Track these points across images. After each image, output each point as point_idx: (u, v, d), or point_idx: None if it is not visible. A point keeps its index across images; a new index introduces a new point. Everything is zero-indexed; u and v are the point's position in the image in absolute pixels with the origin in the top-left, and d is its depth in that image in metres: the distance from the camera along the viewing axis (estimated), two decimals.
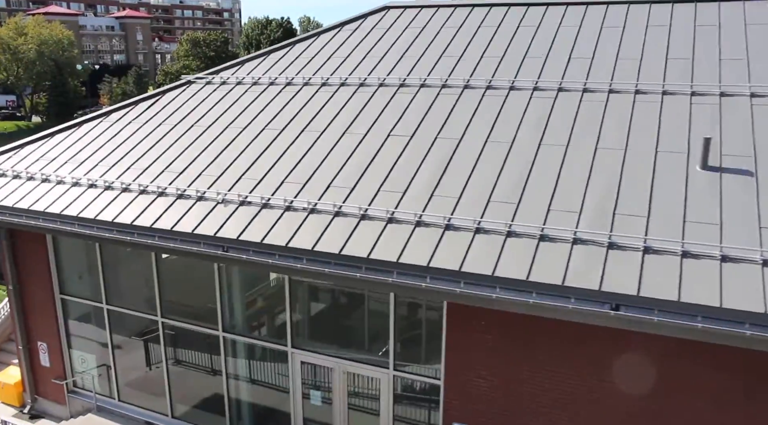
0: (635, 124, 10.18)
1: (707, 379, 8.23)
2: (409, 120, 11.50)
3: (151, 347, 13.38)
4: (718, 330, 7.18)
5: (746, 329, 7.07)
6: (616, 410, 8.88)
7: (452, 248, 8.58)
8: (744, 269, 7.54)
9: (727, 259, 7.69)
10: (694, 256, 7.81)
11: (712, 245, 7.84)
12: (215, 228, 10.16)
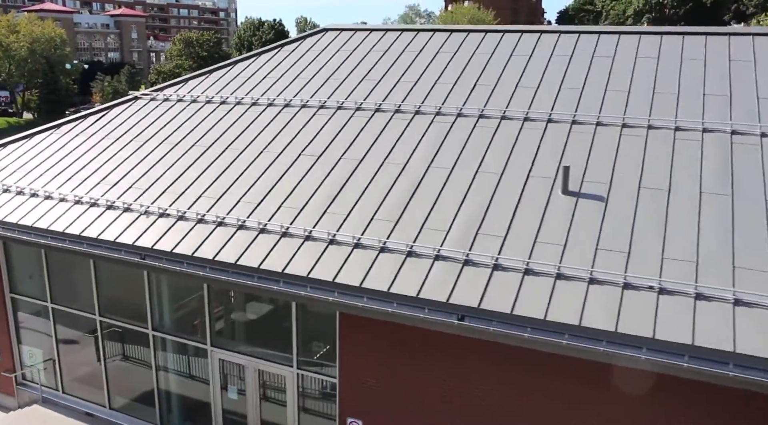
0: (516, 150, 11.28)
1: (537, 381, 9.30)
2: (320, 141, 12.60)
3: (91, 343, 14.44)
4: (543, 339, 8.28)
5: (565, 339, 8.16)
6: (483, 409, 9.96)
7: (331, 261, 9.67)
8: (573, 286, 8.64)
9: (561, 277, 8.80)
10: (535, 273, 8.92)
11: (552, 264, 8.94)
12: (135, 237, 11.24)
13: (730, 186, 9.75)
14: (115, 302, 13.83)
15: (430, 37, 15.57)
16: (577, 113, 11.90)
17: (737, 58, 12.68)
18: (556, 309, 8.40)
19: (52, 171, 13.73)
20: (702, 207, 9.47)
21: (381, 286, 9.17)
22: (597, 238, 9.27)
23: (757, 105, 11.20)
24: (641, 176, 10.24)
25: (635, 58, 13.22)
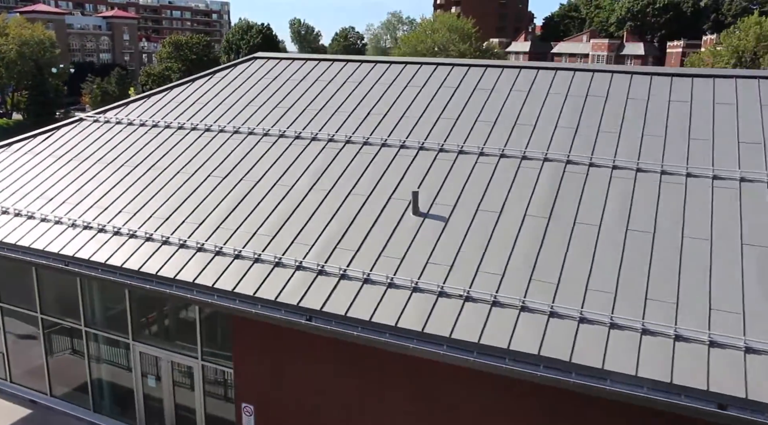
0: (386, 174, 13.25)
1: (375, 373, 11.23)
2: (229, 163, 14.56)
3: (35, 337, 16.36)
4: (367, 336, 10.24)
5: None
6: (342, 399, 11.90)
7: (234, 273, 11.61)
8: (400, 293, 10.61)
9: (392, 286, 10.77)
10: (372, 282, 10.89)
11: (387, 275, 10.91)
12: (60, 247, 13.19)
13: (550, 210, 11.71)
14: (53, 302, 15.74)
15: (357, 67, 17.51)
16: (445, 143, 13.86)
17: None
18: (382, 312, 10.36)
19: (14, 190, 15.59)
20: (523, 228, 11.42)
21: (248, 291, 11.13)
22: (430, 253, 11.24)
23: (595, 136, 13.17)
24: (482, 200, 12.20)
25: (509, 91, 15.18)
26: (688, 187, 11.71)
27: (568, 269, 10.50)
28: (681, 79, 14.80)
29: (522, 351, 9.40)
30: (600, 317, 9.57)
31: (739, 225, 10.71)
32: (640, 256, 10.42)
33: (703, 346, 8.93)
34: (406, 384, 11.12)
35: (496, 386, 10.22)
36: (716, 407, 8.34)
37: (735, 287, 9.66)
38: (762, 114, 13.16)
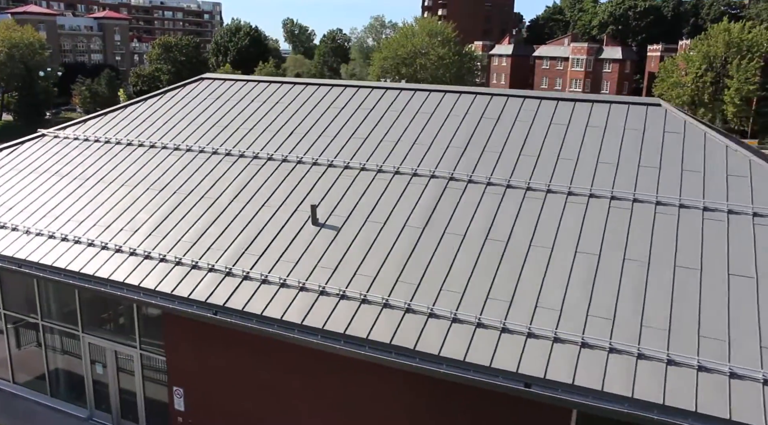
0: (297, 188, 15.34)
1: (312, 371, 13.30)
2: (167, 177, 16.63)
3: (5, 329, 18.40)
4: (258, 328, 12.33)
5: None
6: (253, 382, 13.98)
7: (157, 274, 13.69)
8: (288, 291, 12.69)
9: (284, 286, 12.87)
10: (268, 283, 12.96)
11: (281, 277, 13.00)
12: (15, 250, 15.26)
13: (426, 220, 13.81)
14: (13, 299, 17.78)
15: (276, 88, 19.60)
16: (351, 161, 15.95)
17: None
18: (272, 307, 12.47)
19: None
20: (400, 237, 13.52)
21: (167, 289, 13.23)
22: (320, 258, 13.34)
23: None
24: (371, 212, 14.31)
25: (415, 113, 17.27)
26: (547, 201, 13.82)
27: (431, 271, 12.62)
28: (564, 102, 16.91)
29: (378, 341, 11.51)
30: (446, 313, 11.68)
31: (578, 233, 12.81)
32: (493, 260, 12.51)
33: (532, 338, 11.06)
34: (300, 369, 13.23)
35: (368, 371, 12.30)
36: (523, 386, 10.48)
37: (561, 287, 11.77)
38: (623, 137, 15.27)
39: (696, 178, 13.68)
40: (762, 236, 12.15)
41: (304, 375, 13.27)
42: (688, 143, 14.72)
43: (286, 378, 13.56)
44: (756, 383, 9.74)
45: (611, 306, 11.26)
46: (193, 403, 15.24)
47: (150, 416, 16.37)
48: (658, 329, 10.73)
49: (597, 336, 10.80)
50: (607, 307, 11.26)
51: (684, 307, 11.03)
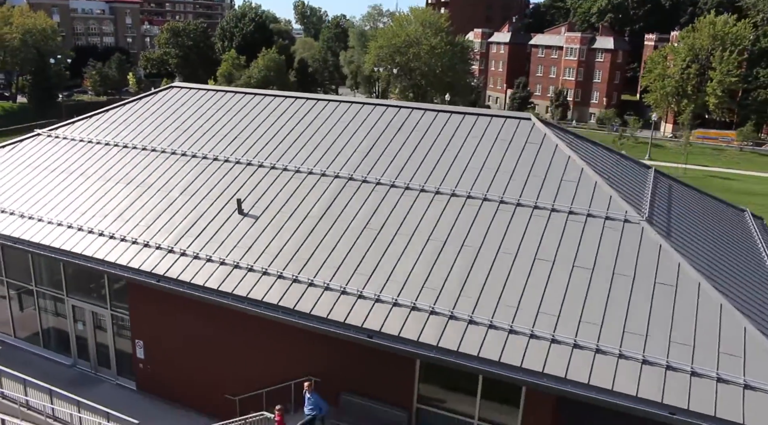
0: (234, 183, 19.29)
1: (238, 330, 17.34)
2: (134, 173, 20.67)
3: (7, 294, 22.68)
4: (194, 294, 16.39)
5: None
6: (197, 337, 18.07)
7: (121, 250, 17.78)
8: (225, 268, 16.71)
9: (209, 260, 16.87)
10: (198, 258, 17.00)
11: (207, 254, 17.01)
12: (13, 230, 19.42)
13: (324, 211, 17.71)
14: (15, 268, 22.01)
15: (251, 99, 23.49)
16: (277, 162, 19.85)
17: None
18: (199, 277, 16.50)
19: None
20: (302, 225, 17.45)
21: (123, 262, 17.32)
22: (239, 240, 17.34)
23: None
24: (285, 204, 18.24)
25: (327, 120, 21.08)
26: (419, 197, 17.65)
27: (321, 250, 16.54)
28: (456, 115, 20.64)
29: (270, 302, 15.51)
30: (320, 283, 15.63)
31: (434, 224, 16.63)
32: (368, 240, 16.41)
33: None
34: (223, 324, 17.32)
35: (265, 325, 16.28)
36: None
37: (410, 260, 15.64)
38: (493, 146, 19.00)
39: (536, 182, 17.44)
40: (571, 228, 15.90)
41: (226, 329, 17.37)
42: (541, 153, 18.44)
43: (219, 329, 17.67)
44: (590, 351, 13.62)
45: (459, 281, 15.14)
46: (150, 353, 19.44)
47: (119, 363, 20.63)
48: (510, 306, 14.52)
49: (442, 306, 14.70)
50: (458, 281, 15.14)
51: (512, 287, 14.88)
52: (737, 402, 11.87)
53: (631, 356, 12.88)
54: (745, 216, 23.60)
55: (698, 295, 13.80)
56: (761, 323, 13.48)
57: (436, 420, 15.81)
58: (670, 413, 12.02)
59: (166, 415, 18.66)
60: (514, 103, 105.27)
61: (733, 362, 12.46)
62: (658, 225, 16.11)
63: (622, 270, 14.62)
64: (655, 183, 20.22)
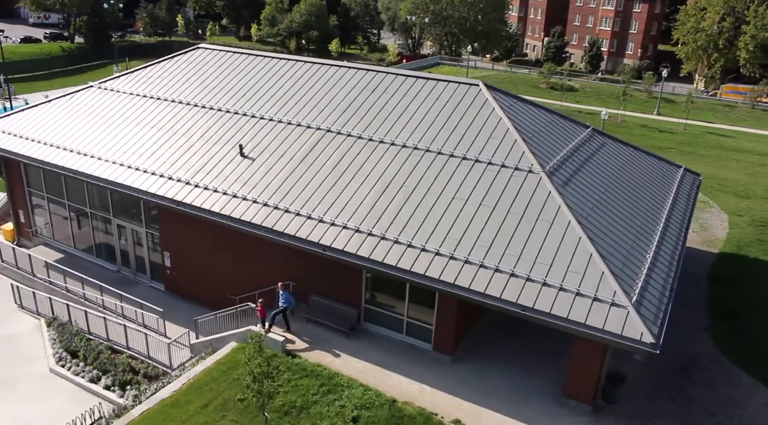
0: (240, 131, 24.45)
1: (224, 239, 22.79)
2: (165, 121, 26.04)
3: (66, 214, 28.83)
4: (198, 215, 21.90)
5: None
6: (209, 251, 23.67)
7: (157, 183, 23.36)
8: (225, 198, 22.10)
9: (216, 191, 22.24)
10: (208, 189, 22.38)
11: (215, 187, 22.36)
12: (78, 165, 25.22)
13: (305, 156, 22.74)
14: (74, 195, 28.01)
15: (267, 61, 28.41)
16: (274, 115, 24.83)
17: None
18: (208, 202, 21.91)
19: (52, 129, 27.59)
20: (286, 166, 22.55)
21: (161, 192, 22.88)
22: (239, 175, 22.59)
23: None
24: (276, 148, 23.32)
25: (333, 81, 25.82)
26: (377, 148, 22.44)
27: (297, 186, 21.64)
28: (421, 80, 25.08)
29: (260, 224, 20.82)
30: (297, 209, 20.79)
31: (385, 168, 21.44)
32: (335, 179, 21.39)
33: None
34: (228, 240, 22.84)
35: (257, 242, 21.62)
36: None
37: (362, 194, 20.64)
38: (444, 106, 23.46)
39: (470, 138, 21.95)
40: (486, 176, 20.48)
41: (228, 244, 22.91)
42: (480, 114, 22.82)
43: (225, 244, 23.24)
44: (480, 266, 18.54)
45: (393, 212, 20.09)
46: (174, 262, 25.26)
47: (152, 270, 26.60)
48: (427, 232, 19.46)
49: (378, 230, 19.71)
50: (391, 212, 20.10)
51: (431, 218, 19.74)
52: (568, 304, 16.64)
53: (505, 271, 17.69)
54: (678, 173, 27.52)
55: (566, 230, 18.38)
56: (606, 254, 17.99)
57: (377, 316, 21.15)
58: (521, 310, 16.91)
59: (185, 308, 24.55)
60: (548, 51, 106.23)
61: (575, 278, 17.15)
62: (557, 176, 20.54)
63: (515, 209, 19.26)
64: (583, 141, 24.42)
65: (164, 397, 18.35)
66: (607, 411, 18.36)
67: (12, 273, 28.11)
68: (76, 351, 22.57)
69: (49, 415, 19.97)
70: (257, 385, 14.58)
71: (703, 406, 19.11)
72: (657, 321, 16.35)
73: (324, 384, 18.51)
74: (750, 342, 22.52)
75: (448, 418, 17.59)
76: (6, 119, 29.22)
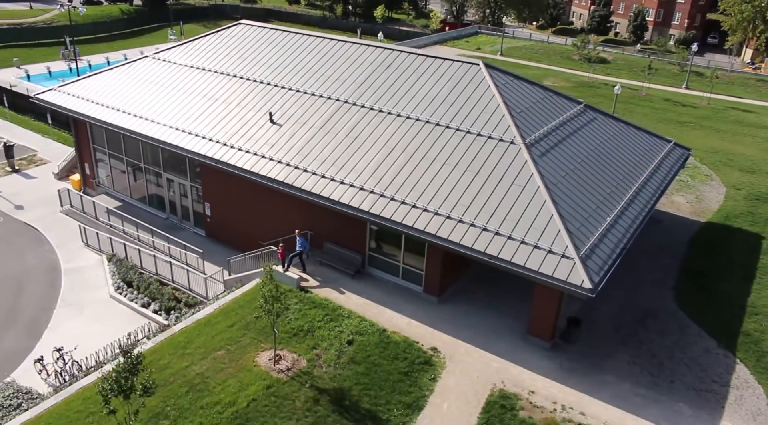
0: (274, 100, 28.31)
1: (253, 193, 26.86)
2: (213, 90, 30.10)
3: (123, 168, 33.49)
4: (233, 171, 26.01)
5: (257, 178, 25.74)
6: (243, 202, 27.85)
7: (204, 146, 27.60)
8: (254, 158, 26.15)
9: (248, 152, 26.28)
10: (240, 150, 26.43)
11: (248, 148, 26.39)
12: (137, 127, 29.66)
13: (324, 123, 26.45)
14: (131, 152, 32.57)
15: (286, 37, 32.10)
16: (300, 87, 28.54)
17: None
18: (241, 161, 25.96)
19: (113, 94, 32.08)
20: (308, 132, 26.34)
21: (203, 151, 27.10)
22: (268, 139, 26.52)
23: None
24: (301, 117, 27.10)
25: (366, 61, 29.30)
26: (385, 119, 25.96)
27: (318, 148, 25.43)
28: (427, 58, 28.29)
29: (287, 181, 24.77)
30: (314, 168, 24.62)
31: (389, 138, 24.99)
32: (349, 142, 25.10)
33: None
34: (255, 192, 26.92)
35: (278, 196, 25.57)
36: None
37: (370, 156, 24.31)
38: (447, 83, 26.70)
39: (465, 112, 25.21)
40: (474, 145, 23.78)
41: (260, 196, 27.02)
42: (476, 91, 26.01)
43: (255, 197, 27.39)
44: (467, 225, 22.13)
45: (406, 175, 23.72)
46: (213, 211, 29.60)
47: (195, 218, 31.07)
48: (419, 192, 23.10)
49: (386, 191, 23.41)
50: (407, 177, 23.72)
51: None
52: (527, 254, 20.07)
53: (478, 225, 21.17)
54: (665, 147, 30.14)
55: (534, 194, 21.66)
56: (566, 215, 21.20)
57: (378, 262, 25.00)
58: (489, 258, 20.43)
59: (220, 251, 28.91)
60: (592, 20, 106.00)
61: (536, 233, 20.50)
62: (536, 147, 23.69)
63: (495, 175, 22.59)
64: (572, 117, 27.34)
65: (199, 318, 22.73)
66: (563, 349, 21.85)
67: (79, 217, 33.04)
68: (131, 282, 27.24)
69: (109, 331, 24.62)
70: (268, 306, 18.64)
71: (649, 349, 22.36)
72: (600, 272, 19.65)
73: (328, 315, 22.55)
74: (708, 298, 25.43)
75: (427, 346, 21.41)
76: (75, 84, 33.83)
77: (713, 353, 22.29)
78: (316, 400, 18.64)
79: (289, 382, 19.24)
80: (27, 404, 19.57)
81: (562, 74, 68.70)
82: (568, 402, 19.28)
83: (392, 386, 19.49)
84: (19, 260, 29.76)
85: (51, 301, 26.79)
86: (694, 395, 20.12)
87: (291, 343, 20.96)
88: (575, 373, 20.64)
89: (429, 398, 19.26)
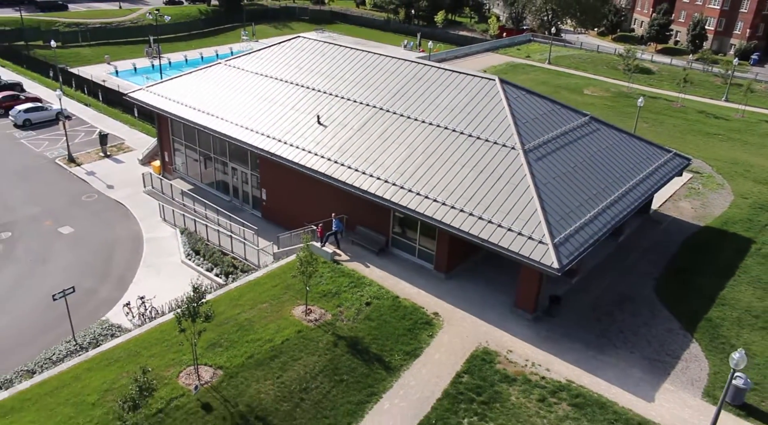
0: (316, 107, 33.81)
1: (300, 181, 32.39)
2: (275, 95, 35.89)
3: (196, 157, 39.75)
4: (284, 161, 31.65)
5: (305, 170, 31.37)
6: (294, 190, 33.47)
7: (262, 141, 33.44)
8: (303, 153, 31.72)
9: (297, 148, 31.87)
10: (290, 145, 32.05)
11: (299, 145, 31.98)
12: (202, 121, 35.81)
13: (362, 125, 31.72)
14: (203, 143, 38.76)
15: (355, 54, 37.60)
16: (344, 94, 33.89)
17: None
18: (297, 159, 31.57)
19: (190, 94, 38.35)
20: (354, 136, 31.64)
21: (261, 146, 32.89)
22: (315, 138, 32.00)
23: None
24: (344, 118, 32.45)
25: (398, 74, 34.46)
26: (411, 124, 30.97)
27: (356, 146, 30.72)
28: (451, 73, 33.10)
29: (328, 174, 30.19)
30: (352, 163, 29.94)
31: (413, 141, 30.02)
32: (385, 144, 30.31)
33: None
34: (305, 182, 32.46)
35: (319, 185, 30.94)
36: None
37: (399, 155, 29.44)
38: (464, 96, 31.47)
39: (477, 121, 29.93)
40: (482, 150, 28.49)
41: (306, 184, 32.55)
42: (489, 103, 30.65)
43: (303, 186, 32.96)
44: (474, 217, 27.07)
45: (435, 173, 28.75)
46: (269, 196, 35.39)
47: (254, 201, 36.97)
48: (432, 185, 28.07)
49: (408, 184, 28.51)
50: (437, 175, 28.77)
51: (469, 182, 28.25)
52: (512, 239, 24.71)
53: (476, 215, 25.93)
54: (663, 157, 33.92)
55: (524, 191, 26.22)
56: (549, 210, 25.64)
57: (399, 243, 30.10)
58: (481, 241, 25.19)
59: (272, 229, 34.62)
60: (651, 29, 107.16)
61: (521, 223, 25.10)
62: (533, 153, 28.18)
63: (496, 174, 27.27)
64: (574, 127, 31.61)
65: (251, 279, 28.44)
66: (544, 321, 26.36)
67: (158, 197, 39.51)
68: (198, 251, 33.28)
69: (180, 288, 30.57)
70: (302, 267, 24.04)
71: (618, 326, 26.54)
72: (569, 256, 24.08)
73: (353, 282, 27.81)
74: (683, 289, 29.25)
75: (430, 311, 26.37)
76: (159, 85, 40.37)
77: (675, 332, 26.26)
78: (335, 344, 23.94)
79: (315, 329, 24.61)
80: (118, 333, 25.71)
81: (603, 84, 71.41)
82: (537, 361, 23.85)
83: (397, 338, 24.57)
84: (110, 230, 36.37)
85: (135, 263, 33.11)
86: (648, 363, 24.27)
87: (321, 302, 26.34)
88: (549, 340, 25.15)
89: (425, 349, 24.23)
